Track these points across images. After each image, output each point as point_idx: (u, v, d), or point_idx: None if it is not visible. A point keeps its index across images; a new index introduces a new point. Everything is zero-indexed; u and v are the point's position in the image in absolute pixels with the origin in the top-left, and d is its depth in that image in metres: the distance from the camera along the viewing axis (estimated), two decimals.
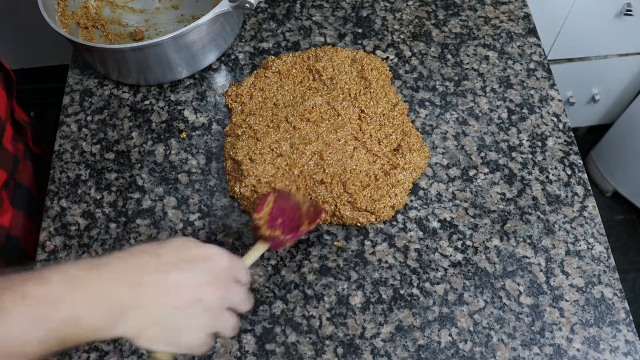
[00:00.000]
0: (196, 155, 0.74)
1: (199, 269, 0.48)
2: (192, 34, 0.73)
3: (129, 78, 0.79)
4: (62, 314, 0.41)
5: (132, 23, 0.87)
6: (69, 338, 0.42)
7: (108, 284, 0.44)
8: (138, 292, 0.45)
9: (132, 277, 0.45)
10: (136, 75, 0.78)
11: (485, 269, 0.66)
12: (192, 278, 0.47)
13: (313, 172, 0.70)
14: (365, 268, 0.66)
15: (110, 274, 0.44)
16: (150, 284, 0.45)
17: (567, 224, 0.69)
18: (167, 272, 0.46)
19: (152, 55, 0.74)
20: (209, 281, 0.48)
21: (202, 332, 0.48)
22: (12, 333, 0.40)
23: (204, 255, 0.49)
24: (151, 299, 0.45)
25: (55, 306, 0.41)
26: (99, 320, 0.43)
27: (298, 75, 0.78)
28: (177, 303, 0.46)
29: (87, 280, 0.43)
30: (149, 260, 0.46)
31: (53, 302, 0.41)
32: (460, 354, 0.61)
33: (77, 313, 0.42)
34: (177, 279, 0.46)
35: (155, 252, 0.47)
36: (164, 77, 0.79)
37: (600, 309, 0.63)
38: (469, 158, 0.73)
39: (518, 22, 0.85)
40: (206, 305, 0.47)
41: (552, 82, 0.80)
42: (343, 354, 0.61)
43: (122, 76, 0.79)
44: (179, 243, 0.49)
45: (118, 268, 0.45)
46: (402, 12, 0.87)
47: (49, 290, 0.42)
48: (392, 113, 0.74)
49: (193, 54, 0.77)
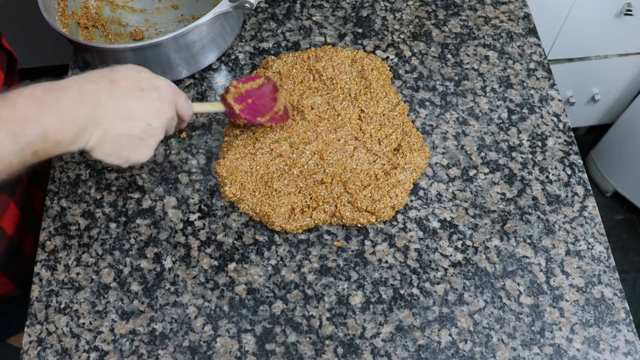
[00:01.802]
0: (196, 155, 0.74)
1: (148, 97, 0.55)
2: (192, 34, 0.73)
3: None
4: (34, 130, 0.47)
5: (132, 23, 0.87)
6: (41, 151, 0.49)
7: (72, 105, 0.50)
8: (98, 112, 0.51)
9: (92, 99, 0.51)
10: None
11: (485, 269, 0.66)
12: (143, 105, 0.55)
13: (313, 172, 0.70)
14: (365, 268, 0.66)
15: (72, 96, 0.50)
16: (109, 107, 0.52)
17: (567, 224, 0.69)
18: (121, 97, 0.53)
19: (152, 55, 0.74)
20: (157, 108, 0.56)
21: (148, 151, 0.58)
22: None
23: (154, 84, 0.57)
24: (109, 119, 0.52)
25: (27, 124, 0.47)
26: (67, 136, 0.50)
27: (298, 75, 0.78)
28: (129, 125, 0.54)
29: (51, 101, 0.49)
30: (105, 85, 0.53)
31: (23, 121, 0.47)
32: (460, 354, 0.61)
33: (47, 129, 0.48)
34: (130, 105, 0.54)
35: (110, 78, 0.53)
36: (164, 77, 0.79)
37: (600, 309, 0.63)
38: (469, 158, 0.73)
39: (518, 22, 0.85)
40: (153, 129, 0.56)
41: (552, 82, 0.80)
42: (343, 354, 0.61)
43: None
44: (131, 71, 0.56)
45: (78, 91, 0.51)
46: (402, 12, 0.87)
47: (17, 111, 0.47)
48: (392, 113, 0.74)
49: (193, 54, 0.77)
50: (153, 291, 0.65)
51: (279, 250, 0.67)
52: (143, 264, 0.67)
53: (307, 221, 0.67)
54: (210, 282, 0.66)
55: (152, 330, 0.63)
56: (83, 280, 0.66)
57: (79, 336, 0.63)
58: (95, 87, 0.52)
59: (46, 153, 0.50)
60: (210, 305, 0.64)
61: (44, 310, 0.65)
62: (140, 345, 0.62)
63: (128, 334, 0.63)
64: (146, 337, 0.63)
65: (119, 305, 0.65)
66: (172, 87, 0.60)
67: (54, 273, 0.67)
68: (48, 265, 0.67)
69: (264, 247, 0.68)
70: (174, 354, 0.62)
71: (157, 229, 0.69)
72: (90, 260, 0.68)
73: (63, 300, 0.65)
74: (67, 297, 0.65)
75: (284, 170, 0.70)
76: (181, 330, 0.63)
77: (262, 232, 0.68)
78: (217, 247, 0.68)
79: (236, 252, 0.67)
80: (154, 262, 0.67)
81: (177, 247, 0.68)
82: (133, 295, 0.65)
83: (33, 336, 0.63)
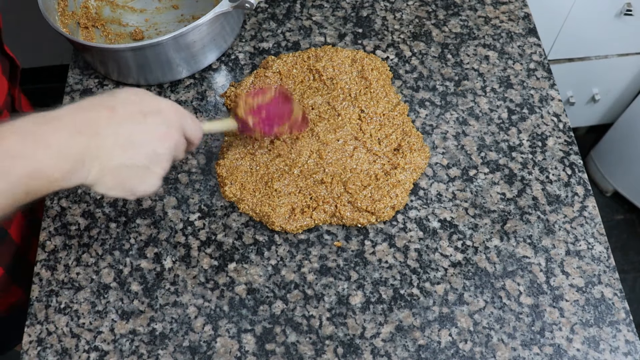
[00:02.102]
0: (196, 155, 0.74)
1: (152, 122, 0.50)
2: (192, 34, 0.73)
3: (129, 78, 0.79)
4: (25, 168, 0.43)
5: (132, 23, 0.87)
6: (34, 190, 0.45)
7: (66, 138, 0.45)
8: (95, 143, 0.47)
9: (88, 130, 0.46)
10: (136, 76, 0.78)
11: (485, 269, 0.66)
12: (145, 130, 0.50)
13: (313, 172, 0.70)
14: (365, 268, 0.66)
15: (66, 128, 0.46)
16: (107, 136, 0.47)
17: (567, 224, 0.69)
18: (120, 124, 0.48)
19: (152, 55, 0.74)
20: (162, 133, 0.51)
21: (155, 180, 0.52)
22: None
23: (157, 107, 0.51)
24: (107, 150, 0.47)
25: (17, 161, 0.43)
26: (61, 172, 0.45)
27: (298, 75, 0.78)
28: (131, 154, 0.49)
29: (44, 135, 0.44)
30: (103, 113, 0.48)
31: (13, 158, 0.43)
32: (460, 354, 0.61)
33: (39, 166, 0.44)
34: (130, 131, 0.49)
35: (108, 105, 0.49)
36: (164, 77, 0.79)
37: (600, 309, 0.63)
38: (469, 158, 0.73)
39: (518, 22, 0.85)
40: (159, 156, 0.51)
41: (552, 82, 0.80)
42: (343, 354, 0.61)
43: (122, 76, 0.79)
44: (131, 95, 0.51)
45: (72, 122, 0.46)
46: (402, 12, 0.87)
47: (7, 147, 0.43)
48: (392, 113, 0.74)
49: (193, 54, 0.77)
50: (153, 291, 0.65)
51: (279, 250, 0.67)
52: (143, 264, 0.67)
53: (307, 221, 0.67)
54: (210, 282, 0.66)
55: (152, 330, 0.63)
56: (83, 280, 0.66)
57: (79, 336, 0.63)
58: (92, 115, 0.48)
59: (39, 191, 0.45)
60: (210, 305, 0.64)
61: (44, 310, 0.65)
62: (140, 345, 0.62)
63: (128, 334, 0.63)
64: (146, 337, 0.63)
65: (119, 305, 0.65)
66: (177, 108, 0.54)
67: (54, 273, 0.67)
68: (48, 265, 0.68)
69: (264, 247, 0.68)
70: (174, 354, 0.62)
71: (157, 229, 0.69)
72: (90, 260, 0.68)
73: (63, 300, 0.65)
74: (67, 297, 0.65)
75: (284, 170, 0.70)
76: (181, 330, 0.63)
77: (262, 232, 0.68)
78: (217, 247, 0.68)
79: (236, 252, 0.67)
80: (154, 262, 0.67)
81: (177, 247, 0.68)
82: (133, 295, 0.65)
83: (33, 336, 0.63)
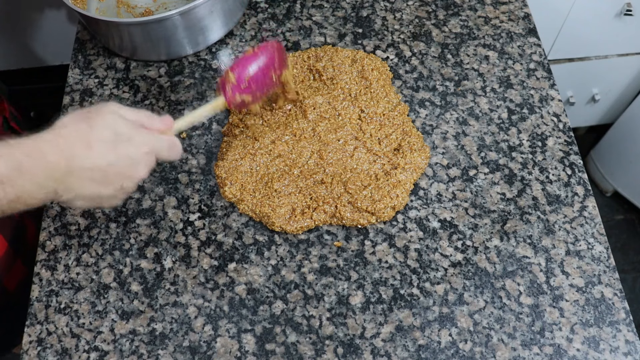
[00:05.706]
0: (196, 155, 0.74)
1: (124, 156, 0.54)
2: (200, 9, 0.76)
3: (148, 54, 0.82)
4: (8, 195, 0.48)
5: (140, 4, 0.90)
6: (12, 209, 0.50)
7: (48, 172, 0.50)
8: (70, 180, 0.52)
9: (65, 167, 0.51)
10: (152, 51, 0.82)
11: (485, 269, 0.66)
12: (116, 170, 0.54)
13: (313, 172, 0.70)
14: (365, 268, 0.66)
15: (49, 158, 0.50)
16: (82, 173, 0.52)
17: (567, 224, 0.69)
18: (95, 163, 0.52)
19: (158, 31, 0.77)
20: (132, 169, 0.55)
21: (119, 200, 0.57)
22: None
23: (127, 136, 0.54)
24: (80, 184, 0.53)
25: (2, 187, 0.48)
26: (38, 199, 0.51)
27: (298, 75, 0.78)
28: (102, 189, 0.54)
29: (30, 165, 0.49)
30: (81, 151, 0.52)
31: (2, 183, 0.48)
32: (460, 354, 0.61)
33: (20, 194, 0.49)
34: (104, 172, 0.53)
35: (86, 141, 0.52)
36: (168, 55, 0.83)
37: (600, 309, 0.63)
38: (469, 158, 0.73)
39: (518, 22, 0.85)
40: (126, 189, 0.56)
41: (552, 82, 0.80)
42: (343, 354, 0.61)
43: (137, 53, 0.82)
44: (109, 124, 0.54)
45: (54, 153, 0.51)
46: (402, 12, 0.87)
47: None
48: (392, 113, 0.74)
49: (201, 28, 0.80)
50: (153, 291, 0.65)
51: (279, 250, 0.67)
52: (143, 264, 0.67)
53: (307, 222, 0.67)
54: (210, 282, 0.66)
55: (152, 330, 0.63)
56: (83, 280, 0.66)
57: (79, 336, 0.63)
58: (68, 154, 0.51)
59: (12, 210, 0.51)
60: (210, 305, 0.64)
61: (44, 310, 0.65)
62: (140, 345, 0.62)
63: (128, 334, 0.63)
64: (146, 337, 0.63)
65: (119, 305, 0.65)
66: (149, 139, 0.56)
67: (54, 273, 0.67)
68: (48, 265, 0.68)
69: (264, 247, 0.68)
70: (174, 354, 0.62)
71: (157, 229, 0.69)
72: (90, 260, 0.68)
73: (63, 300, 0.65)
74: (67, 297, 0.65)
75: (284, 170, 0.70)
76: (181, 330, 0.63)
77: (262, 232, 0.68)
78: (217, 247, 0.68)
79: (236, 252, 0.67)
80: (154, 262, 0.67)
81: (177, 247, 0.68)
82: (133, 295, 0.65)
83: (33, 336, 0.63)
